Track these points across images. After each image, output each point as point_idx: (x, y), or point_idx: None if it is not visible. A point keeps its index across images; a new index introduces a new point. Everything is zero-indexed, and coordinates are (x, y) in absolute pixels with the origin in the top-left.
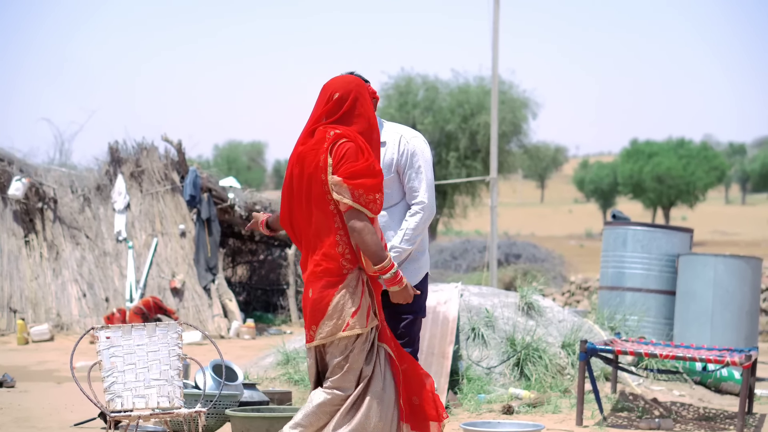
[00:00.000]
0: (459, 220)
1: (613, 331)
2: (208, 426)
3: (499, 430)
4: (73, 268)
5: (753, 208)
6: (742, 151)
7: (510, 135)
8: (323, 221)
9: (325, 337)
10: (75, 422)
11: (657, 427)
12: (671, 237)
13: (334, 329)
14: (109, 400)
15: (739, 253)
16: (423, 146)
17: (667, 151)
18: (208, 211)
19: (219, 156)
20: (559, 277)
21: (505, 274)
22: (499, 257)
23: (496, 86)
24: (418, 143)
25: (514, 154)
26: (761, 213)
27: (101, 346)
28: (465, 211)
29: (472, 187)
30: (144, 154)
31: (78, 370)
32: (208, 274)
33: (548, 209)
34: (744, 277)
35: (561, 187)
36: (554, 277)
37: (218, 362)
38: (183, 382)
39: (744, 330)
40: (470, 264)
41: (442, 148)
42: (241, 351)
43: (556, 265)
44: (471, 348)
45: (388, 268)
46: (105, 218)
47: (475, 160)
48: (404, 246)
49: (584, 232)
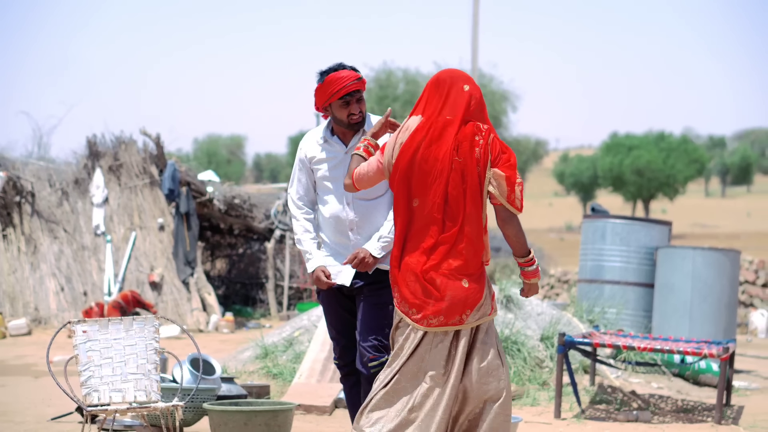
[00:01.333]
0: None
1: (591, 323)
2: (186, 420)
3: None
4: (51, 262)
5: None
6: (722, 144)
7: None
8: (474, 214)
9: (479, 319)
10: (52, 416)
11: (635, 419)
12: (650, 230)
13: (483, 313)
14: (86, 395)
15: (718, 245)
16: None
17: (647, 144)
18: (187, 204)
19: (199, 149)
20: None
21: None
22: None
23: (475, 79)
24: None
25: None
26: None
27: (78, 340)
28: None
29: None
30: (122, 147)
31: (55, 364)
32: (186, 268)
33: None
34: (722, 269)
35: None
36: None
37: (196, 356)
38: (160, 376)
39: (722, 322)
40: None
41: None
42: (220, 345)
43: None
44: None
45: (533, 260)
46: (83, 212)
47: None
48: (391, 236)
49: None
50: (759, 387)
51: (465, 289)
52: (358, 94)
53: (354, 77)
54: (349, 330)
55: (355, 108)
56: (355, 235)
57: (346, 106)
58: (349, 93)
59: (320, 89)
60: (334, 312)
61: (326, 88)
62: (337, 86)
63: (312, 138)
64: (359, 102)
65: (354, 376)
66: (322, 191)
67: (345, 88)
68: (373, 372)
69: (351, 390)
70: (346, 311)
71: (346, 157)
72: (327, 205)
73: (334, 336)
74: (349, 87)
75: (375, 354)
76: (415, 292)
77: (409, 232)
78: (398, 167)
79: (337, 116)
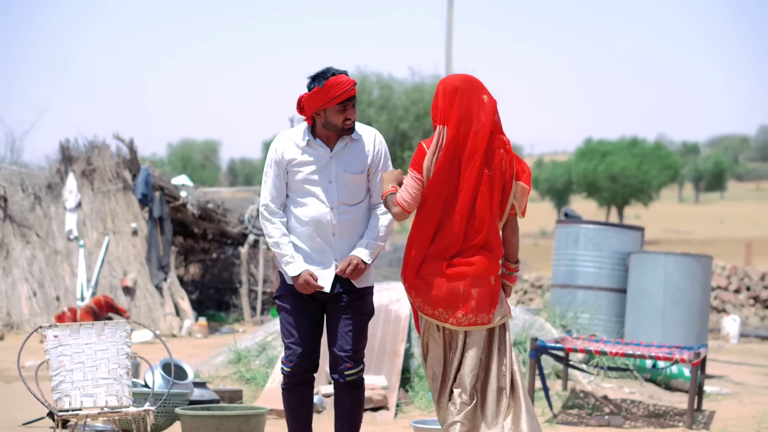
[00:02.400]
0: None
1: (564, 328)
2: (158, 425)
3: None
4: (23, 267)
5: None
6: (695, 150)
7: None
8: (493, 222)
9: (501, 320)
10: (23, 421)
11: (607, 424)
12: (623, 235)
13: (504, 313)
14: (57, 399)
15: (692, 251)
16: (387, 148)
17: (621, 150)
18: (160, 209)
19: (173, 154)
20: None
21: None
22: None
23: None
24: (385, 144)
25: None
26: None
27: (49, 344)
28: None
29: None
30: (95, 152)
31: (27, 369)
32: (160, 273)
33: None
34: (694, 275)
35: None
36: None
37: (168, 361)
38: (132, 381)
39: (694, 328)
40: None
41: (397, 146)
42: (193, 350)
43: None
44: None
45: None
46: (56, 217)
47: None
48: (380, 243)
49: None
50: (730, 392)
51: (487, 291)
52: (354, 99)
53: (352, 82)
54: (312, 337)
55: (351, 113)
56: (336, 239)
57: (343, 111)
58: (348, 98)
59: (319, 94)
60: (302, 318)
61: (326, 93)
62: (338, 91)
63: (290, 140)
64: (354, 107)
65: (303, 387)
66: (299, 194)
67: (346, 92)
68: (348, 380)
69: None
70: (313, 318)
71: (331, 161)
72: (306, 208)
73: (295, 342)
74: (349, 92)
75: (352, 363)
76: (443, 295)
77: (435, 240)
78: (434, 181)
79: (332, 121)
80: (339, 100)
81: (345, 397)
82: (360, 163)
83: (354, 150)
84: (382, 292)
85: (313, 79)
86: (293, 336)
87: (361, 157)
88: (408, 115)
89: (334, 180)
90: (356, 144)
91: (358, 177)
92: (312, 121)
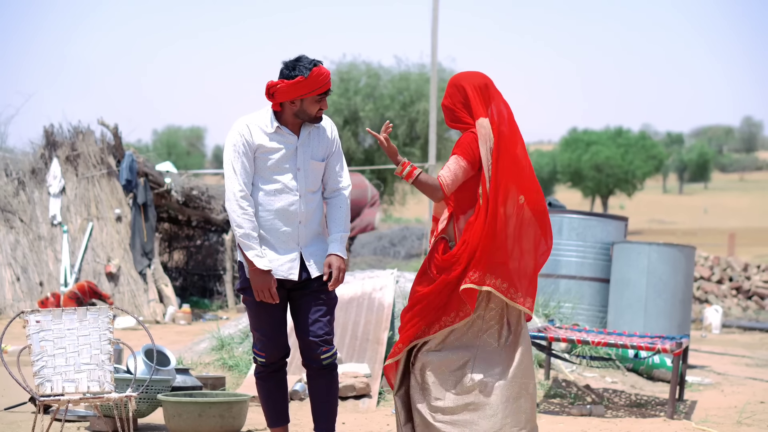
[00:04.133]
0: (398, 208)
1: (547, 318)
2: (140, 411)
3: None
4: (6, 252)
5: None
6: (679, 140)
7: None
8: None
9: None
10: (5, 406)
11: (588, 413)
12: (606, 225)
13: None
14: (39, 384)
15: (675, 242)
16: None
17: (606, 140)
18: (144, 195)
19: (158, 141)
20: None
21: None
22: None
23: (435, 73)
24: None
25: (454, 142)
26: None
27: (31, 330)
28: (404, 198)
29: None
30: (80, 137)
31: (8, 354)
32: (143, 259)
33: None
34: (677, 265)
35: None
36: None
37: (150, 347)
38: (114, 367)
39: (677, 318)
40: (409, 251)
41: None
42: (177, 336)
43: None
44: None
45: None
46: (40, 202)
47: (414, 147)
48: (346, 232)
49: None
50: (712, 382)
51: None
52: (328, 94)
53: (329, 74)
54: (281, 325)
55: (324, 104)
56: (302, 227)
57: (319, 102)
58: (327, 90)
59: (303, 83)
60: (269, 307)
61: (311, 83)
62: (322, 82)
63: (255, 125)
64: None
65: (278, 373)
66: (265, 182)
67: (327, 84)
68: (325, 364)
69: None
70: (278, 308)
71: (298, 149)
72: (273, 196)
73: (266, 333)
74: (329, 84)
75: (327, 346)
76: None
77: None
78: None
79: (307, 110)
80: (320, 91)
81: (322, 381)
82: (323, 151)
83: (316, 137)
84: (366, 280)
85: (293, 68)
86: (263, 326)
87: (323, 145)
88: (394, 103)
89: (302, 167)
90: (317, 131)
91: (320, 164)
92: (279, 108)
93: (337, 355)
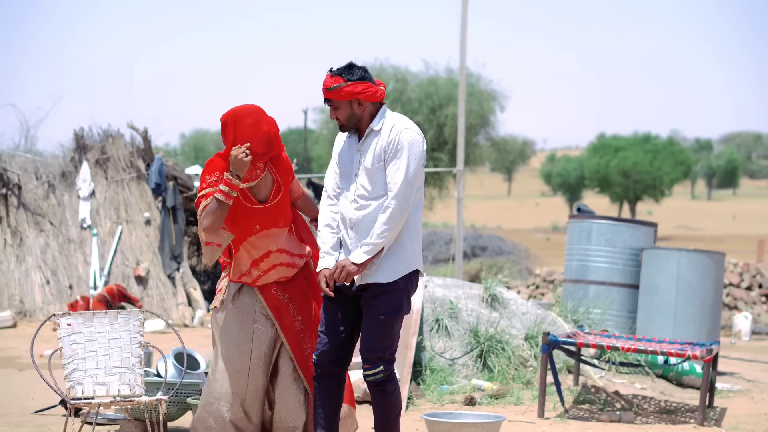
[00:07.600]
0: (426, 212)
1: (576, 323)
2: (170, 414)
3: (461, 420)
4: (36, 255)
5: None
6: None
7: (477, 127)
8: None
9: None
10: (36, 409)
11: (618, 420)
12: (635, 231)
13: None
14: (70, 388)
15: (704, 248)
16: (413, 139)
17: (634, 146)
18: (174, 199)
19: (186, 144)
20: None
21: (471, 267)
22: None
23: (463, 78)
24: (408, 136)
25: (482, 147)
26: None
27: (62, 333)
28: (432, 203)
29: (440, 180)
30: (109, 141)
31: (45, 358)
32: (172, 263)
33: (515, 202)
34: (707, 271)
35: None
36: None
37: (180, 350)
38: (144, 370)
39: (706, 324)
40: (436, 256)
41: None
42: (205, 340)
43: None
44: (434, 339)
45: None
46: (69, 205)
47: (442, 152)
48: (376, 241)
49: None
50: (742, 389)
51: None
52: (329, 102)
53: (327, 85)
54: (338, 330)
55: (332, 114)
56: (352, 234)
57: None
58: (325, 100)
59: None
60: (332, 308)
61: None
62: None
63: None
64: (334, 109)
65: (331, 379)
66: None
67: (324, 93)
68: (368, 381)
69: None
70: (343, 311)
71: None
72: (339, 201)
73: (323, 332)
74: (325, 94)
75: (369, 364)
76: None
77: None
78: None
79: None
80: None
81: (373, 398)
82: (376, 156)
83: (371, 143)
84: None
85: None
86: (324, 325)
87: (376, 149)
88: (422, 108)
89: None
90: (374, 136)
91: (373, 169)
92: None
93: (385, 373)
